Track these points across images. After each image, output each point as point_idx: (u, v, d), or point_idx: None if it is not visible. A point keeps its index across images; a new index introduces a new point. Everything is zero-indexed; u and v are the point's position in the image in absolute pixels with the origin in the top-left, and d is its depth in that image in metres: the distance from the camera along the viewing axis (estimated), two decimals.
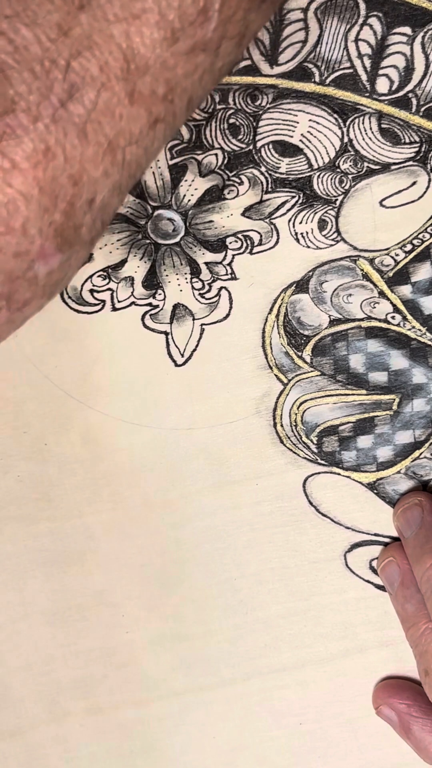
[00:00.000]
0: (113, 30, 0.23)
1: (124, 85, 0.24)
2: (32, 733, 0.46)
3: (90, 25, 0.23)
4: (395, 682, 0.44)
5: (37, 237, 0.24)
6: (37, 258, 0.24)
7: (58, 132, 0.23)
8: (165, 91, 0.25)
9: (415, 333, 0.40)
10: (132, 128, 0.24)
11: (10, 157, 0.23)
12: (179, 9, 0.24)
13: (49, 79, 0.23)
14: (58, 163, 0.23)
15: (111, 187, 0.25)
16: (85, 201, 0.24)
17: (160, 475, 0.42)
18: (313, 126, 0.37)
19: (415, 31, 0.36)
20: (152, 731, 0.45)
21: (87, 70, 0.23)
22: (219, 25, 0.25)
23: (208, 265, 0.40)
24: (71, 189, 0.24)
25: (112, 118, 0.24)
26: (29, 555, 0.43)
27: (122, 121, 0.24)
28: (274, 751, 0.46)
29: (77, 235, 0.25)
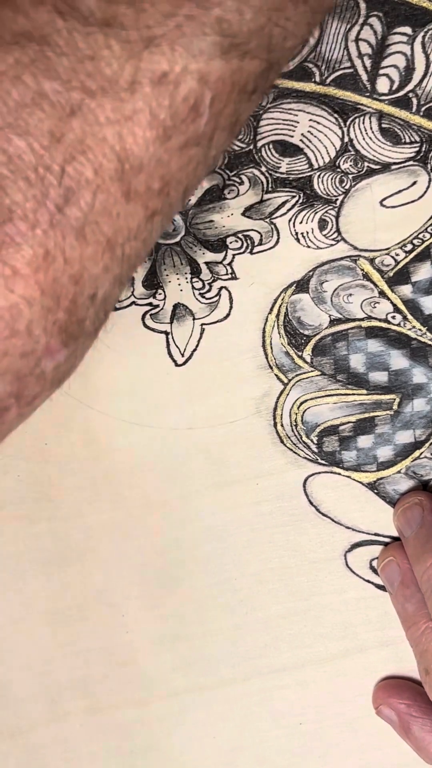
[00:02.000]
0: (106, 133, 0.23)
1: (119, 185, 0.24)
2: (32, 733, 0.46)
3: (82, 129, 0.23)
4: (395, 682, 0.44)
5: (42, 336, 0.24)
6: (44, 355, 0.25)
7: (56, 236, 0.23)
8: (160, 186, 0.25)
9: (415, 333, 0.40)
10: (130, 224, 0.25)
11: (11, 264, 0.23)
12: (170, 108, 0.24)
13: (45, 185, 0.23)
14: (58, 265, 0.24)
15: (112, 280, 0.25)
16: (87, 297, 0.25)
17: (160, 475, 0.42)
18: (313, 126, 0.37)
19: (416, 31, 0.36)
20: (152, 731, 0.45)
21: (82, 174, 0.23)
22: (210, 119, 0.25)
23: (208, 264, 0.40)
24: (73, 288, 0.24)
25: (110, 218, 0.24)
26: (29, 555, 0.43)
27: (119, 219, 0.24)
28: (274, 751, 0.45)
29: (81, 328, 0.25)
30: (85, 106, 0.23)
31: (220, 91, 0.24)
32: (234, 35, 0.24)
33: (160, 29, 0.23)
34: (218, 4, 0.23)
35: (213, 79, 0.24)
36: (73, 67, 0.23)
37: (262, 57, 0.25)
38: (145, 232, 0.25)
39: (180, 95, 0.24)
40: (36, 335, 0.24)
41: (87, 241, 0.24)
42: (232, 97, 0.25)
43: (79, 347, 0.26)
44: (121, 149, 0.24)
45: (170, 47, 0.23)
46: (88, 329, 0.26)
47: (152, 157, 0.24)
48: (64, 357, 0.25)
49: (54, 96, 0.23)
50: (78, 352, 0.26)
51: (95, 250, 0.24)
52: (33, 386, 0.25)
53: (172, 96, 0.24)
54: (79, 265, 0.24)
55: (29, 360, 0.24)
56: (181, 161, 0.25)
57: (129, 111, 0.23)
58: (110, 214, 0.24)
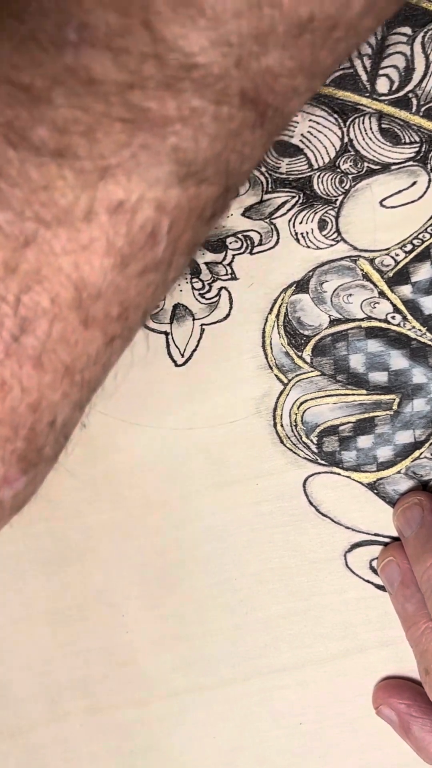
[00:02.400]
0: (62, 262, 0.23)
1: (77, 313, 0.24)
2: (32, 733, 0.46)
3: (37, 259, 0.23)
4: (395, 682, 0.44)
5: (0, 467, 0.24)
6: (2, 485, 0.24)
7: (12, 365, 0.23)
8: (119, 311, 0.25)
9: (415, 333, 0.40)
10: (89, 351, 0.24)
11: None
12: (127, 236, 0.23)
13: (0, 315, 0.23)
14: (15, 394, 0.23)
15: (71, 406, 0.25)
16: (46, 424, 0.24)
17: (160, 475, 0.42)
18: (313, 126, 0.37)
19: (415, 31, 0.36)
20: (152, 731, 0.45)
21: (38, 304, 0.23)
22: (168, 245, 0.24)
23: (208, 265, 0.40)
24: (31, 416, 0.24)
25: (68, 345, 0.24)
26: (29, 555, 0.43)
27: (78, 346, 0.24)
28: (274, 751, 0.46)
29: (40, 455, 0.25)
30: (40, 236, 0.23)
31: (178, 218, 0.24)
32: (190, 163, 0.23)
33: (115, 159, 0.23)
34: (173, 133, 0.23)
35: (170, 206, 0.24)
36: (26, 198, 0.22)
37: (220, 183, 0.24)
38: (104, 357, 0.25)
39: (137, 223, 0.23)
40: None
41: (45, 369, 0.24)
42: (190, 223, 0.24)
43: (39, 474, 0.26)
44: (78, 278, 0.23)
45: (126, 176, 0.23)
46: (47, 455, 0.25)
47: (110, 285, 0.24)
48: (23, 485, 0.25)
49: (7, 227, 0.22)
50: (37, 478, 0.26)
51: (53, 377, 0.24)
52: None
53: (129, 224, 0.23)
54: (38, 393, 0.24)
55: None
56: (139, 287, 0.25)
57: (85, 240, 0.23)
58: (68, 342, 0.24)
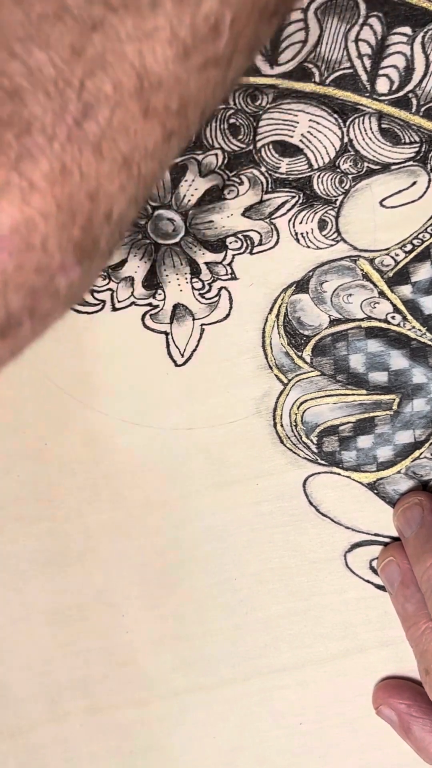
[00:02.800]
0: (126, 49, 0.23)
1: (138, 102, 0.24)
2: (32, 733, 0.46)
3: (103, 45, 0.23)
4: (395, 682, 0.44)
5: (57, 252, 0.24)
6: (58, 272, 0.25)
7: (73, 150, 0.23)
8: (178, 105, 0.25)
9: (415, 333, 0.40)
10: (147, 143, 0.25)
11: (28, 177, 0.23)
12: (191, 26, 0.24)
13: (64, 99, 0.23)
14: (74, 180, 0.24)
15: (127, 200, 0.25)
16: (102, 215, 0.25)
17: (160, 475, 0.42)
18: (313, 126, 0.37)
19: (415, 31, 0.36)
20: (152, 731, 0.45)
21: (101, 90, 0.23)
22: (230, 41, 0.25)
23: (208, 265, 0.40)
24: (88, 205, 0.24)
25: (127, 135, 0.24)
26: (29, 555, 0.43)
27: (137, 136, 0.24)
28: (274, 751, 0.45)
29: (96, 247, 0.25)
30: (107, 21, 0.23)
31: (241, 12, 0.24)
32: None
33: None
34: None
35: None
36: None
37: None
38: (161, 153, 0.25)
39: (201, 14, 0.24)
40: (51, 251, 0.24)
41: (104, 157, 0.24)
42: (253, 18, 0.25)
43: (93, 266, 0.26)
44: (140, 66, 0.24)
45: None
46: (102, 249, 0.26)
47: (171, 76, 0.24)
48: (78, 275, 0.25)
49: (76, 10, 0.23)
50: (92, 271, 0.26)
51: (111, 167, 0.24)
52: (46, 303, 0.25)
53: (193, 14, 0.24)
54: (96, 181, 0.24)
55: (43, 276, 0.24)
56: (199, 81, 0.25)
57: (150, 28, 0.23)
58: (128, 132, 0.24)
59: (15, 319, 0.25)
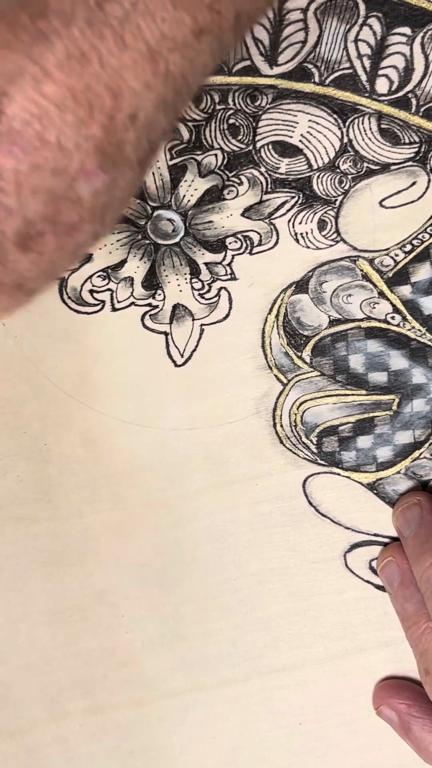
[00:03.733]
0: None
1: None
2: (32, 733, 0.46)
3: None
4: (395, 682, 0.44)
5: (74, 152, 0.22)
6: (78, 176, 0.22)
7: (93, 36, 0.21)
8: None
9: (414, 333, 0.40)
10: (175, 34, 0.22)
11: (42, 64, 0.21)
12: None
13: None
14: (93, 70, 0.21)
15: (155, 101, 0.23)
16: (126, 115, 0.22)
17: (160, 475, 0.42)
18: (312, 126, 0.37)
19: (415, 32, 0.36)
20: (152, 731, 0.45)
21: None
22: None
23: (207, 265, 0.40)
24: (109, 101, 0.22)
25: (153, 22, 0.22)
26: (29, 555, 0.43)
27: (164, 25, 0.22)
28: (274, 751, 0.46)
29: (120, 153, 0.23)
30: None
31: None
32: None
33: None
34: None
35: None
36: None
37: None
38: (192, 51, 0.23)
39: None
40: (68, 150, 0.22)
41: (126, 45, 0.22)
42: None
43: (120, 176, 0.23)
44: None
45: None
46: (128, 156, 0.23)
47: None
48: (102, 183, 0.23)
49: None
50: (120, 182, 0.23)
51: (135, 58, 0.22)
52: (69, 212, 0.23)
53: None
54: (117, 74, 0.22)
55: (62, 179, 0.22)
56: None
57: None
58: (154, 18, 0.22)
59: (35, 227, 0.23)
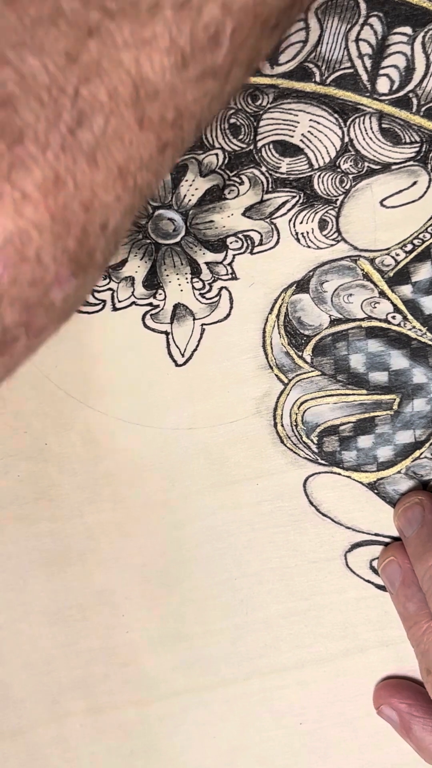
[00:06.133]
0: (122, 56, 0.23)
1: (133, 111, 0.24)
2: (32, 733, 0.45)
3: (99, 51, 0.23)
4: (396, 682, 0.44)
5: (51, 265, 0.24)
6: (53, 285, 0.24)
7: (67, 160, 0.23)
8: (174, 116, 0.24)
9: (415, 333, 0.40)
10: (142, 153, 0.24)
11: (21, 188, 0.22)
12: (190, 35, 0.23)
13: (57, 107, 0.23)
14: (69, 190, 0.23)
15: (123, 210, 0.25)
16: (98, 226, 0.24)
17: (160, 475, 0.42)
18: (313, 126, 0.37)
19: (416, 31, 0.36)
20: (152, 731, 0.45)
21: (95, 97, 0.23)
22: (230, 52, 0.24)
23: (208, 264, 0.40)
24: (83, 215, 0.24)
25: (122, 145, 0.24)
26: (29, 555, 0.43)
27: (132, 146, 0.24)
28: (274, 751, 0.45)
29: (91, 259, 0.25)
30: (103, 27, 0.23)
31: (242, 23, 0.24)
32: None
33: None
34: None
35: (236, 8, 0.23)
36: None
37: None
38: (156, 164, 0.25)
39: (201, 22, 0.23)
40: (45, 263, 0.23)
41: (98, 167, 0.23)
42: (254, 30, 0.24)
43: (88, 279, 0.25)
44: (137, 74, 0.23)
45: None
46: (97, 260, 0.25)
47: (168, 86, 0.24)
48: (73, 288, 0.25)
49: (72, 15, 0.22)
50: (87, 283, 0.26)
51: (106, 177, 0.24)
52: (42, 317, 0.25)
53: (194, 22, 0.23)
54: (90, 191, 0.23)
55: (38, 289, 0.24)
56: (196, 93, 0.24)
57: (148, 35, 0.23)
58: (123, 141, 0.24)
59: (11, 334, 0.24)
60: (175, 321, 0.40)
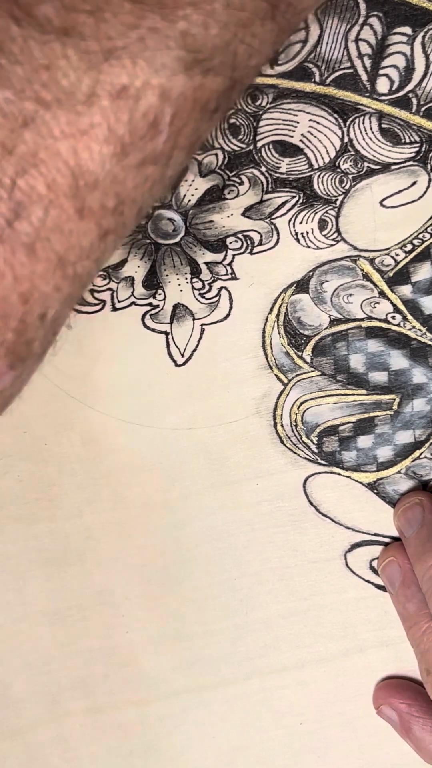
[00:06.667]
0: (60, 146, 0.23)
1: (72, 201, 0.23)
2: (32, 733, 0.46)
3: (35, 142, 0.22)
4: (396, 682, 0.44)
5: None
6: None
7: (6, 251, 0.23)
8: (115, 204, 0.24)
9: (415, 333, 0.40)
10: (82, 243, 0.24)
11: None
12: (129, 123, 0.23)
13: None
14: (7, 282, 0.23)
15: (62, 300, 0.25)
16: (36, 317, 0.24)
17: (160, 475, 0.42)
18: (313, 126, 0.37)
19: (416, 31, 0.36)
20: (152, 731, 0.45)
21: (34, 188, 0.23)
22: (170, 138, 0.24)
23: (208, 265, 0.40)
24: (22, 307, 0.23)
25: (62, 235, 0.23)
26: (29, 555, 0.43)
27: (72, 236, 0.24)
28: (274, 751, 0.46)
29: (29, 350, 0.25)
30: (39, 117, 0.22)
31: (181, 108, 0.24)
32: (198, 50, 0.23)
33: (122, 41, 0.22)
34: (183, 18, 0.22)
35: (174, 95, 0.23)
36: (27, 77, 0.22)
37: (226, 74, 0.24)
38: (97, 252, 0.25)
39: (140, 111, 0.23)
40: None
41: (38, 258, 0.23)
42: (193, 115, 0.24)
43: (26, 370, 0.25)
44: (75, 164, 0.23)
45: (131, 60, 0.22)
46: (36, 351, 0.25)
47: (108, 175, 0.23)
48: (10, 380, 0.25)
49: (6, 106, 0.22)
50: (24, 375, 0.25)
51: (46, 267, 0.23)
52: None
53: (132, 111, 0.23)
54: (29, 283, 0.23)
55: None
56: (137, 180, 0.24)
57: (85, 125, 0.23)
58: (62, 232, 0.23)
59: None
60: (174, 321, 0.40)
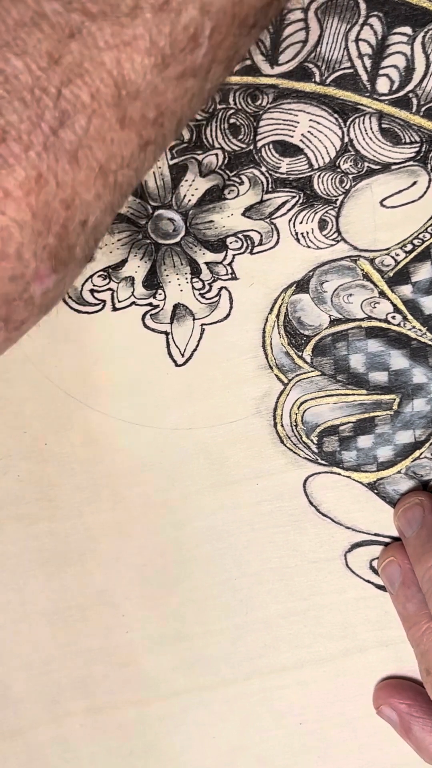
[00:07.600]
0: (104, 57, 0.23)
1: (114, 111, 0.24)
2: (32, 733, 0.46)
3: (81, 52, 0.23)
4: (396, 682, 0.44)
5: (32, 261, 0.24)
6: (33, 280, 0.25)
7: (49, 159, 0.23)
8: (155, 115, 0.25)
9: (415, 333, 0.40)
10: (123, 152, 0.25)
11: (3, 186, 0.23)
12: (170, 36, 0.24)
13: (40, 107, 0.23)
14: (50, 188, 0.24)
15: (103, 208, 0.25)
16: (78, 223, 0.25)
17: (160, 475, 0.42)
18: (313, 126, 0.37)
19: (416, 31, 0.36)
20: (152, 731, 0.45)
21: (78, 98, 0.23)
22: (209, 51, 0.25)
23: (208, 265, 0.40)
24: (64, 212, 0.24)
25: (103, 143, 0.24)
26: (29, 555, 0.43)
27: (113, 145, 0.24)
28: (274, 751, 0.46)
29: (71, 255, 0.25)
30: (84, 28, 0.23)
31: (221, 23, 0.24)
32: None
33: None
34: None
35: (214, 9, 0.24)
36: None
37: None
38: (137, 161, 0.26)
39: (180, 23, 0.24)
40: (26, 259, 0.24)
41: (80, 165, 0.24)
42: (232, 30, 0.25)
43: (68, 274, 0.26)
44: (118, 75, 0.24)
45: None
46: (77, 256, 0.26)
47: (149, 85, 0.24)
48: (53, 283, 0.25)
49: (54, 17, 0.23)
50: (67, 278, 0.26)
51: (88, 175, 0.24)
52: (21, 311, 0.25)
53: (173, 24, 0.24)
54: (71, 190, 0.24)
55: (18, 284, 0.24)
56: (177, 92, 0.25)
57: (129, 36, 0.23)
58: (104, 140, 0.24)
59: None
60: (174, 321, 0.40)
